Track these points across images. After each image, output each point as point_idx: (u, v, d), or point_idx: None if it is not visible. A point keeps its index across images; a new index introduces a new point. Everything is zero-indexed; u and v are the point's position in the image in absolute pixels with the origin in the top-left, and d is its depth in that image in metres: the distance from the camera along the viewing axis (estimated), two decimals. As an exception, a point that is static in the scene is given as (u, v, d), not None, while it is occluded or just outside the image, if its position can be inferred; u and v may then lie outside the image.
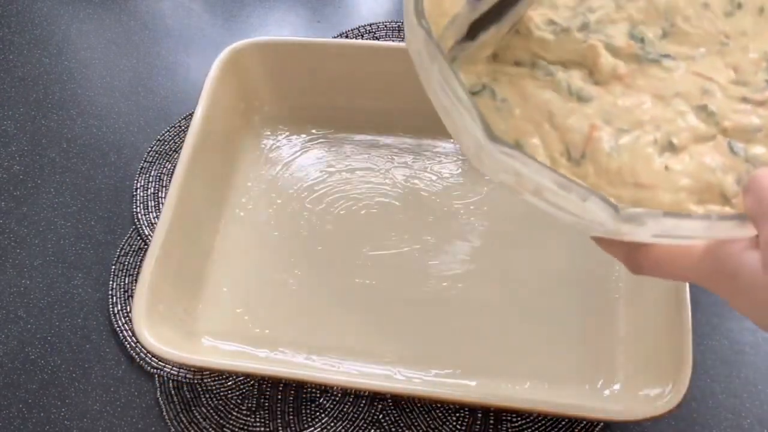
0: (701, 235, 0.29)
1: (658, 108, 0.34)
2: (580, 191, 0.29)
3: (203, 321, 0.53)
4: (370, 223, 0.56)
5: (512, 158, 0.29)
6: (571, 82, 0.34)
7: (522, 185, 0.31)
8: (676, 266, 0.30)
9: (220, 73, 0.56)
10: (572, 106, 0.34)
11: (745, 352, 0.51)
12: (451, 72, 0.30)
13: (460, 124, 0.31)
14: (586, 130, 0.33)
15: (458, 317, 0.52)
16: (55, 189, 0.61)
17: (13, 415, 0.51)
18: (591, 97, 0.34)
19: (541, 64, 0.35)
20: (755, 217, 0.27)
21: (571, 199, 0.29)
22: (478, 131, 0.29)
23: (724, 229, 0.29)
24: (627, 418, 0.43)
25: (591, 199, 0.28)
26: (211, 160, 0.55)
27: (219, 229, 0.56)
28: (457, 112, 0.31)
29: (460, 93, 0.30)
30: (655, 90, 0.34)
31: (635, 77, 0.35)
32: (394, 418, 0.50)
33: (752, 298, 0.27)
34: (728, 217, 0.29)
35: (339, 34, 0.68)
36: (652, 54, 0.35)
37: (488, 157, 0.31)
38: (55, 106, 0.65)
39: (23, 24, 0.71)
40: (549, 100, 0.34)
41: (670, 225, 0.29)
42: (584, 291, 0.52)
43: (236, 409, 0.50)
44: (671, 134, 0.33)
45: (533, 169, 0.29)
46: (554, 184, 0.29)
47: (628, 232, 0.30)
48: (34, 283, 0.56)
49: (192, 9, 0.71)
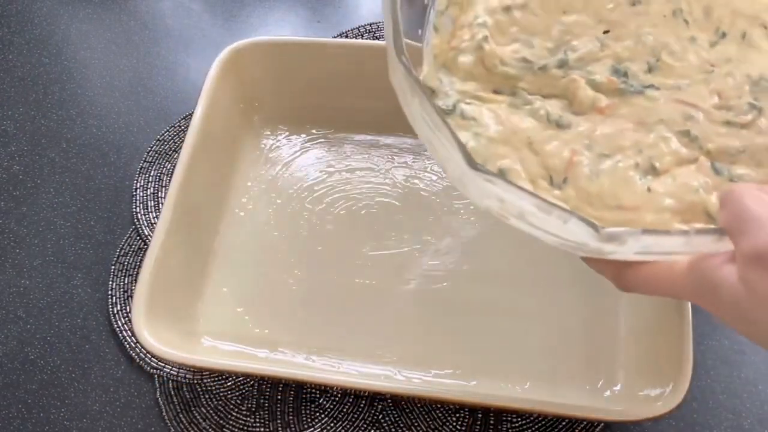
0: (681, 250, 0.30)
1: (639, 134, 0.34)
2: (561, 214, 0.29)
3: (203, 321, 0.52)
4: (370, 223, 0.56)
5: (494, 185, 0.30)
6: (549, 111, 0.35)
7: (506, 210, 0.31)
8: (661, 283, 0.31)
9: (220, 72, 0.56)
10: (551, 133, 0.35)
11: (746, 352, 0.51)
12: (429, 104, 0.31)
13: (443, 153, 0.32)
14: (566, 156, 0.34)
15: (458, 317, 0.52)
16: (55, 189, 0.61)
17: (13, 415, 0.51)
18: (570, 124, 0.35)
19: (521, 93, 0.36)
20: (731, 230, 0.28)
21: (553, 221, 0.30)
22: (460, 160, 0.30)
23: (702, 244, 0.29)
24: (627, 419, 0.43)
25: (571, 220, 0.29)
26: (210, 160, 0.55)
27: (219, 229, 0.56)
28: (439, 143, 0.32)
29: (439, 124, 0.31)
30: (638, 118, 0.35)
31: (617, 107, 0.35)
32: (394, 419, 0.50)
33: (733, 311, 0.28)
34: (706, 231, 0.29)
35: (339, 34, 0.68)
36: (636, 86, 0.36)
37: (472, 184, 0.31)
38: (54, 106, 0.65)
39: (23, 24, 0.71)
40: (528, 128, 0.35)
41: (650, 242, 0.29)
42: (585, 291, 0.52)
43: (236, 410, 0.50)
44: (653, 158, 0.34)
45: (515, 194, 0.30)
46: (535, 207, 0.29)
47: (611, 251, 0.30)
48: (34, 283, 0.56)
49: (192, 9, 0.71)
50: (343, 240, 0.55)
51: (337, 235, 0.56)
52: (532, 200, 0.29)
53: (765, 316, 0.26)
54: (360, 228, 0.56)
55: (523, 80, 0.36)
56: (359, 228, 0.56)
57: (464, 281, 0.53)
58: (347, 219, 0.56)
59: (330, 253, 0.55)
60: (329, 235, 0.56)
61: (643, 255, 0.31)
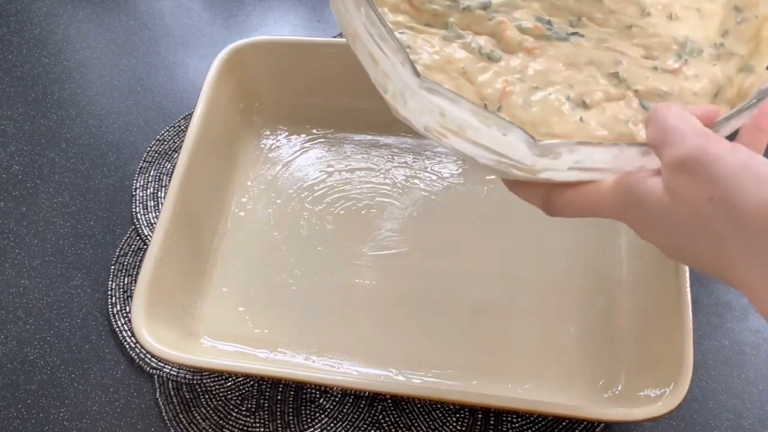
0: (610, 165, 0.31)
1: (570, 72, 0.36)
2: (501, 124, 0.30)
3: (203, 321, 0.52)
4: (370, 223, 0.56)
5: (437, 94, 0.31)
6: (482, 45, 0.36)
7: (444, 125, 0.32)
8: (588, 202, 0.32)
9: (220, 72, 0.56)
10: (484, 65, 0.36)
11: (746, 352, 0.51)
12: (376, 15, 0.31)
13: (386, 66, 0.32)
14: (499, 86, 0.35)
15: (458, 317, 0.52)
16: (54, 189, 0.60)
17: (13, 415, 0.51)
18: (501, 58, 0.36)
19: (453, 27, 0.37)
20: (656, 144, 0.30)
21: (492, 134, 0.31)
22: (405, 71, 0.31)
23: (631, 157, 0.31)
24: (628, 419, 0.43)
25: (511, 130, 0.30)
26: (210, 160, 0.55)
27: (219, 229, 0.56)
28: (383, 56, 0.32)
29: (386, 35, 0.31)
30: (567, 59, 0.36)
31: (545, 49, 0.36)
32: (394, 419, 0.50)
33: (659, 220, 0.29)
34: (635, 144, 0.31)
35: (339, 33, 0.68)
36: (560, 34, 0.37)
37: (413, 98, 0.32)
38: (54, 105, 0.65)
39: (22, 23, 0.71)
40: (462, 58, 0.36)
41: (583, 155, 0.31)
42: (585, 292, 0.52)
43: (236, 410, 0.50)
44: (584, 95, 0.35)
45: (457, 103, 0.30)
46: (476, 118, 0.30)
47: (545, 166, 0.32)
48: (33, 283, 0.56)
49: (191, 8, 0.71)
50: (343, 240, 0.55)
51: (337, 235, 0.56)
52: (474, 108, 0.30)
53: (686, 219, 0.28)
54: (360, 228, 0.56)
55: (451, 17, 0.37)
56: (359, 228, 0.56)
57: (464, 281, 0.53)
58: (347, 219, 0.56)
59: (330, 253, 0.55)
60: (329, 235, 0.56)
61: (574, 171, 0.32)
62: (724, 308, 0.53)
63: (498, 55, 0.36)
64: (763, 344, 0.51)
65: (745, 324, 0.52)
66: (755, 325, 0.52)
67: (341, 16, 0.35)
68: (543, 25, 0.37)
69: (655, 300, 0.48)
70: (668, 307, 0.46)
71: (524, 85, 0.35)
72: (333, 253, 0.55)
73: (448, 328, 0.51)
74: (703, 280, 0.53)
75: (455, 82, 0.35)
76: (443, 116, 0.32)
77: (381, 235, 0.55)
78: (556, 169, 0.32)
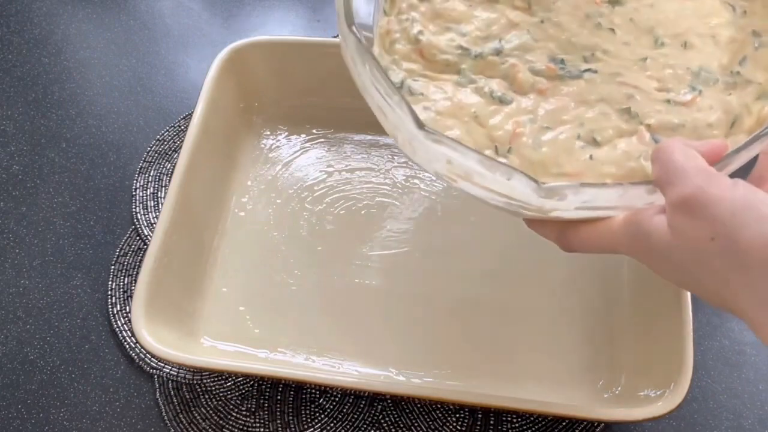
0: (618, 204, 0.32)
1: (581, 110, 0.36)
2: (504, 170, 0.31)
3: (203, 321, 0.52)
4: (370, 223, 0.56)
5: (441, 144, 0.31)
6: (494, 89, 0.37)
7: (453, 171, 0.33)
8: (601, 239, 0.33)
9: (220, 72, 0.56)
10: (496, 108, 0.36)
11: (746, 352, 0.51)
12: (380, 71, 0.32)
13: (393, 119, 0.33)
14: (509, 128, 0.35)
15: (458, 317, 0.52)
16: (54, 189, 0.60)
17: (12, 415, 0.51)
18: (513, 101, 0.36)
19: (465, 73, 0.37)
20: (660, 183, 0.30)
21: (497, 179, 0.31)
22: (409, 122, 0.32)
23: (637, 196, 0.31)
24: (627, 419, 0.43)
25: (514, 176, 0.31)
26: (210, 160, 0.55)
27: (219, 229, 0.56)
28: (389, 108, 0.33)
29: (389, 90, 0.32)
30: (579, 97, 0.36)
31: (558, 89, 0.37)
32: (394, 419, 0.50)
33: (663, 257, 0.30)
34: (639, 183, 0.31)
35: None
36: (574, 72, 0.37)
37: (421, 147, 0.33)
38: (54, 105, 0.65)
39: (22, 23, 0.71)
40: (474, 103, 0.36)
41: (589, 195, 0.31)
42: (585, 292, 0.52)
43: (236, 410, 0.50)
44: (594, 132, 0.35)
45: (461, 152, 0.31)
46: (480, 165, 0.31)
47: (553, 207, 0.32)
48: (33, 283, 0.56)
49: (191, 8, 0.71)
50: (342, 240, 0.55)
51: (337, 235, 0.56)
52: (477, 157, 0.31)
53: (689, 257, 0.29)
54: (360, 228, 0.56)
55: (463, 64, 0.38)
56: (359, 228, 0.56)
57: (464, 281, 0.53)
58: (347, 219, 0.56)
59: (330, 253, 0.55)
60: (329, 235, 0.56)
61: (582, 211, 0.32)
62: (724, 308, 0.53)
63: (510, 98, 0.36)
64: (762, 344, 0.51)
65: (745, 324, 0.52)
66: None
67: (351, 69, 0.36)
68: (556, 65, 0.37)
69: (655, 300, 0.48)
70: (668, 307, 0.46)
71: (534, 125, 0.35)
72: (333, 253, 0.55)
73: (448, 328, 0.51)
74: (703, 280, 0.53)
75: (466, 127, 0.36)
76: (450, 163, 0.32)
77: (381, 235, 0.55)
78: (565, 209, 0.32)
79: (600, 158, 0.34)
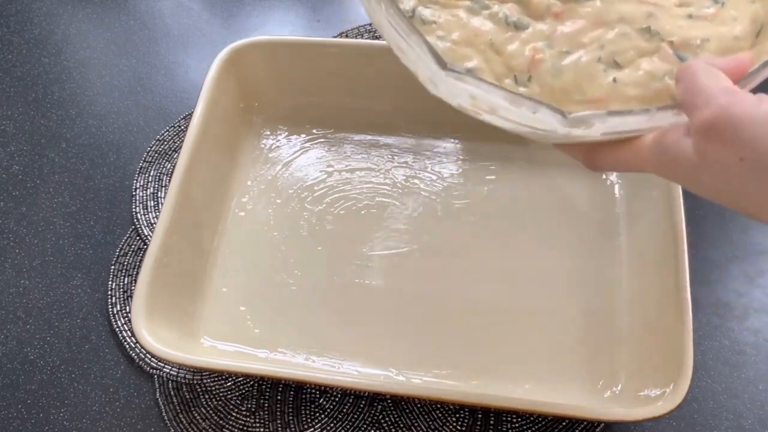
0: (645, 126, 0.31)
1: (599, 31, 0.35)
2: (530, 104, 0.31)
3: (203, 321, 0.52)
4: (370, 223, 0.56)
5: (465, 83, 0.31)
6: (507, 14, 0.36)
7: (478, 106, 0.33)
8: (628, 160, 0.33)
9: (220, 72, 0.56)
10: (511, 35, 0.35)
11: (746, 352, 0.51)
12: (395, 10, 0.32)
13: (414, 56, 0.33)
14: (527, 55, 0.34)
15: (458, 317, 0.52)
16: (54, 189, 0.60)
17: (12, 415, 0.51)
18: (528, 26, 0.35)
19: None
20: (686, 104, 0.30)
21: (523, 112, 0.31)
22: (431, 62, 0.31)
23: (664, 118, 0.31)
24: (627, 419, 0.43)
25: (540, 109, 0.31)
26: (210, 160, 0.55)
27: (219, 229, 0.56)
28: (409, 47, 0.33)
29: (407, 30, 0.32)
30: (596, 18, 0.35)
31: (574, 11, 0.36)
32: (394, 419, 0.50)
33: (691, 178, 0.30)
34: (666, 107, 0.31)
35: (339, 33, 0.68)
36: None
37: (443, 84, 0.32)
38: (54, 105, 0.65)
39: (22, 23, 0.71)
40: (488, 30, 0.35)
41: (615, 122, 0.31)
42: (585, 291, 0.52)
43: (236, 410, 0.50)
44: (615, 54, 0.34)
45: (485, 89, 0.31)
46: (505, 101, 0.31)
47: (580, 134, 0.32)
48: (33, 283, 0.56)
49: (191, 8, 0.71)
50: (342, 240, 0.55)
51: (337, 235, 0.56)
52: (502, 94, 0.31)
53: (713, 179, 0.29)
54: (360, 228, 0.56)
55: None
56: (359, 228, 0.56)
57: (464, 281, 0.53)
58: (347, 219, 0.56)
59: (330, 253, 0.55)
60: (329, 235, 0.56)
61: (609, 135, 0.32)
62: (724, 308, 0.53)
63: (525, 23, 0.35)
64: (763, 344, 0.51)
65: (745, 324, 0.52)
66: (755, 325, 0.52)
67: (366, 8, 0.35)
68: None
69: (655, 300, 0.48)
70: (668, 307, 0.46)
71: (553, 51, 0.34)
72: (333, 253, 0.55)
73: (448, 328, 0.51)
74: (703, 280, 0.53)
75: (484, 56, 0.35)
76: (474, 98, 0.32)
77: (381, 235, 0.55)
78: (592, 136, 0.32)
79: (623, 80, 0.34)
